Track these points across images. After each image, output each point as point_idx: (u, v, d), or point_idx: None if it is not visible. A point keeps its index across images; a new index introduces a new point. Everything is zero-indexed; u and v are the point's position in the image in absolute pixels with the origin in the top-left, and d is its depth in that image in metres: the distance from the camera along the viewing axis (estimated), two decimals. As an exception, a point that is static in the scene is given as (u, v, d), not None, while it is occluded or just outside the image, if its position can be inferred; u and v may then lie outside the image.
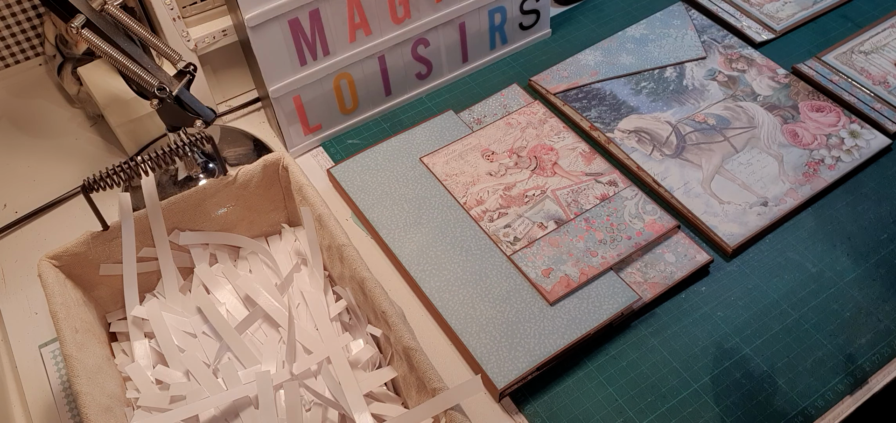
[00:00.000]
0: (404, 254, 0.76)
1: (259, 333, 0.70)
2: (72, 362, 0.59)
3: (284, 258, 0.75)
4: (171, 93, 0.73)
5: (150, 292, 0.72)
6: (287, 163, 0.73)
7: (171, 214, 0.71)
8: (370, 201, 0.81)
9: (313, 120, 0.89)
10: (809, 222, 0.79)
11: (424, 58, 0.93)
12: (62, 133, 0.94)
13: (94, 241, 0.68)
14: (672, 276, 0.73)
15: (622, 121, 0.88)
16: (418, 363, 0.59)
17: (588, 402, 0.67)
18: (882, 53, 0.94)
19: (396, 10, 0.87)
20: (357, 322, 0.69)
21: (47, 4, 0.68)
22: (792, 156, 0.83)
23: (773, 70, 0.93)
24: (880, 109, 0.87)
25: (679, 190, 0.80)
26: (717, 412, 0.65)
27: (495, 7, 0.94)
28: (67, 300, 0.64)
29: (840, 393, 0.66)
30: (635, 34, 0.99)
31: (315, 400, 0.64)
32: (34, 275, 0.79)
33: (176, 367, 0.67)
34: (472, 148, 0.85)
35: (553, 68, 0.95)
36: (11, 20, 0.96)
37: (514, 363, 0.67)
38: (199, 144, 0.66)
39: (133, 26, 0.73)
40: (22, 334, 0.75)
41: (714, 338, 0.70)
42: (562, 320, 0.70)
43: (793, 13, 1.01)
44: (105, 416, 0.58)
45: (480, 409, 0.67)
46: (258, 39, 0.80)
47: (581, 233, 0.76)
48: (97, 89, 0.88)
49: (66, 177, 0.89)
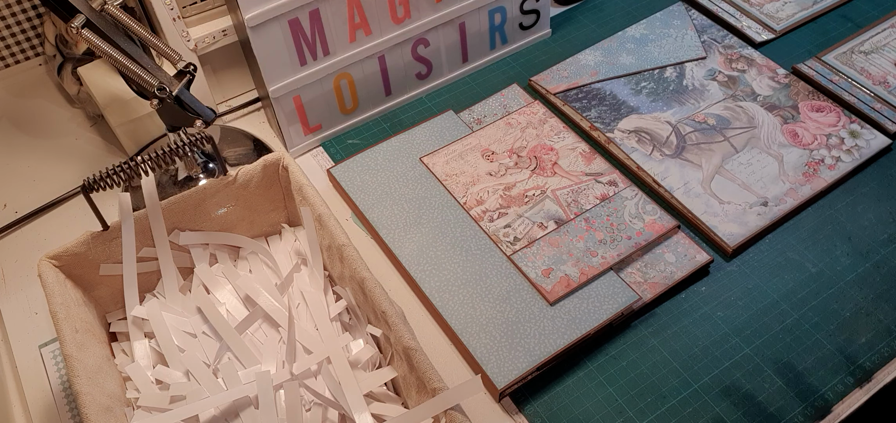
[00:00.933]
0: (404, 254, 0.76)
1: (259, 333, 0.70)
2: (72, 362, 0.59)
3: (284, 258, 0.75)
4: (171, 93, 0.73)
5: (150, 292, 0.72)
6: (287, 163, 0.73)
7: (171, 214, 0.71)
8: (370, 201, 0.81)
9: (313, 120, 0.89)
10: (809, 221, 0.79)
11: (424, 58, 0.93)
12: (62, 133, 0.94)
13: (94, 241, 0.68)
14: (672, 276, 0.73)
15: (622, 121, 0.88)
16: (418, 363, 0.59)
17: (588, 402, 0.67)
18: (882, 53, 0.94)
19: (396, 10, 0.87)
20: (357, 322, 0.69)
21: (47, 4, 0.68)
22: (792, 156, 0.83)
23: (773, 70, 0.93)
24: (880, 109, 0.87)
25: (679, 190, 0.80)
26: (717, 412, 0.65)
27: (495, 7, 0.94)
28: (67, 300, 0.64)
29: (839, 393, 0.66)
30: (635, 34, 0.99)
31: (315, 400, 0.64)
32: (34, 275, 0.79)
33: (176, 367, 0.67)
34: (472, 148, 0.85)
35: (553, 68, 0.95)
36: (11, 20, 0.96)
37: (514, 363, 0.67)
38: (199, 144, 0.66)
39: (133, 26, 0.73)
40: (22, 334, 0.75)
41: (714, 338, 0.70)
42: (562, 320, 0.70)
43: (793, 13, 1.01)
44: (105, 416, 0.58)
45: (480, 409, 0.67)
46: (258, 39, 0.80)
47: (581, 233, 0.76)
48: (97, 89, 0.88)
49: (66, 177, 0.89)
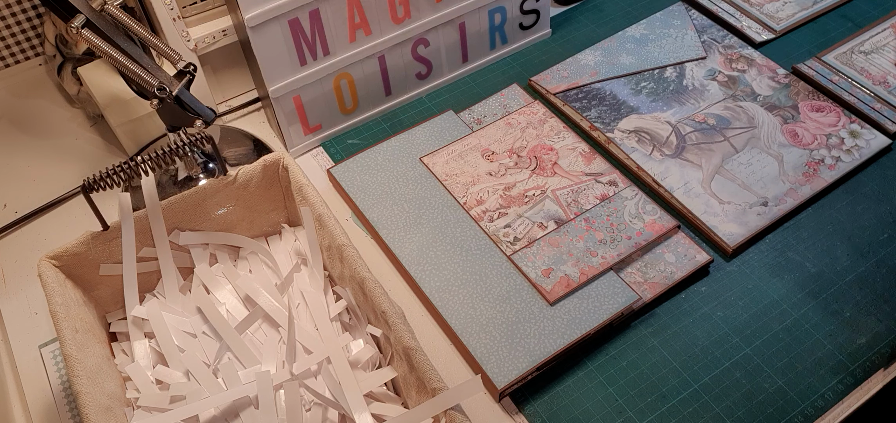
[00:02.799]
0: (404, 254, 0.76)
1: (259, 333, 0.70)
2: (72, 362, 0.59)
3: (284, 258, 0.75)
4: (171, 93, 0.73)
5: (150, 292, 0.72)
6: (287, 163, 0.73)
7: (171, 214, 0.71)
8: (370, 201, 0.81)
9: (313, 120, 0.89)
10: (809, 222, 0.79)
11: (424, 58, 0.93)
12: (62, 133, 0.94)
13: (94, 241, 0.68)
14: (672, 276, 0.73)
15: (622, 121, 0.88)
16: (418, 363, 0.59)
17: (588, 402, 0.67)
18: (882, 53, 0.94)
19: (396, 10, 0.87)
20: (357, 322, 0.69)
21: (47, 4, 0.68)
22: (792, 156, 0.83)
23: (773, 70, 0.93)
24: (880, 109, 0.87)
25: (679, 190, 0.80)
26: (717, 412, 0.65)
27: (495, 7, 0.94)
28: (67, 300, 0.64)
29: (840, 393, 0.66)
30: (635, 34, 0.99)
31: (315, 400, 0.64)
32: (34, 275, 0.79)
33: (176, 367, 0.67)
34: (472, 148, 0.85)
35: (553, 68, 0.95)
36: (11, 20, 0.96)
37: (514, 363, 0.67)
38: (199, 144, 0.66)
39: (133, 26, 0.73)
40: (22, 334, 0.75)
41: (714, 338, 0.70)
42: (562, 320, 0.70)
43: (793, 13, 1.01)
44: (105, 416, 0.58)
45: (480, 409, 0.67)
46: (258, 39, 0.80)
47: (581, 233, 0.76)
48: (97, 89, 0.88)
49: (66, 177, 0.89)
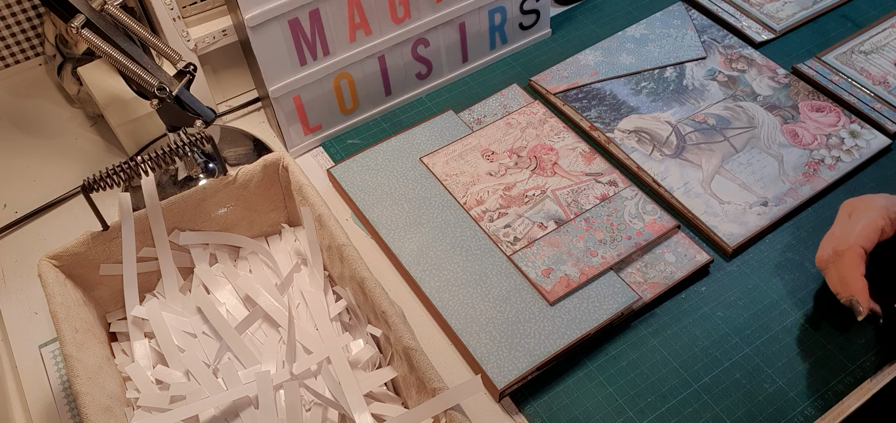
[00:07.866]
0: (404, 254, 0.76)
1: (259, 333, 0.70)
2: (72, 362, 0.59)
3: (284, 258, 0.75)
4: (171, 93, 0.73)
5: (150, 292, 0.72)
6: (287, 163, 0.73)
7: (171, 214, 0.71)
8: (370, 201, 0.81)
9: (313, 120, 0.89)
10: (809, 222, 0.79)
11: (424, 58, 0.93)
12: (62, 133, 0.94)
13: (94, 241, 0.68)
14: (672, 276, 0.73)
15: (622, 121, 0.88)
16: (418, 363, 0.59)
17: (588, 402, 0.67)
18: (882, 53, 0.94)
19: (396, 10, 0.87)
20: (357, 322, 0.69)
21: (47, 4, 0.68)
22: (792, 156, 0.83)
23: (773, 70, 0.93)
24: (880, 109, 0.87)
25: (679, 190, 0.80)
26: (717, 412, 0.65)
27: (495, 7, 0.94)
28: (67, 300, 0.64)
29: (840, 393, 0.66)
30: (635, 34, 0.99)
31: (315, 400, 0.64)
32: (34, 275, 0.78)
33: (176, 367, 0.67)
34: (472, 148, 0.85)
35: (553, 68, 0.95)
36: (11, 20, 0.96)
37: (514, 363, 0.67)
38: (199, 144, 0.66)
39: (133, 26, 0.73)
40: (22, 334, 0.75)
41: (714, 338, 0.70)
42: (562, 320, 0.70)
43: (793, 13, 1.01)
44: (105, 416, 0.58)
45: (480, 409, 0.67)
46: (258, 39, 0.80)
47: (581, 233, 0.76)
48: (97, 89, 0.88)
49: (66, 177, 0.89)
